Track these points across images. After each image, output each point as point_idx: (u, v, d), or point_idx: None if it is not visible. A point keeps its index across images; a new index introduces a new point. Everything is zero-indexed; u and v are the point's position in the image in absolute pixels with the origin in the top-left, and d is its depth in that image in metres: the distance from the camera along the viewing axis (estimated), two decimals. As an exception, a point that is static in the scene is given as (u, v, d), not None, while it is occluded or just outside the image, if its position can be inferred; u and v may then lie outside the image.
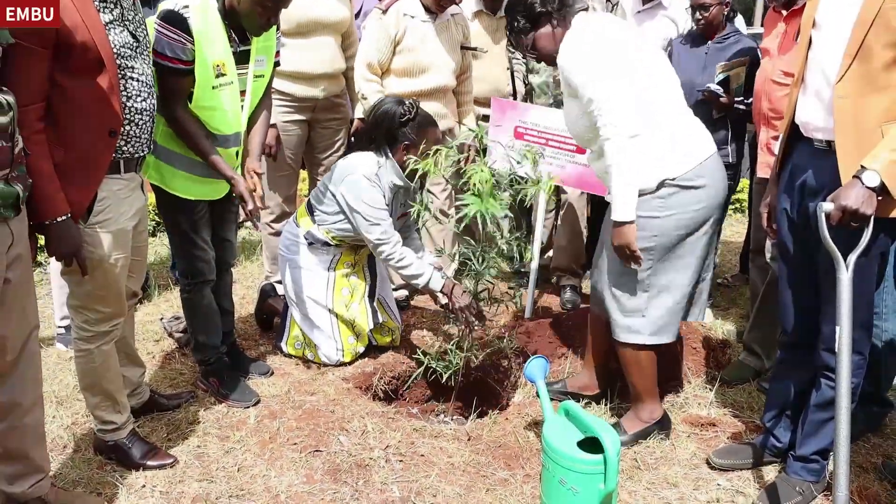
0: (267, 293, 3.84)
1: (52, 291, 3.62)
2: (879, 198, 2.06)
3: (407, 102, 3.16)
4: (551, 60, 2.69)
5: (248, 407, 2.99)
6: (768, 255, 3.19)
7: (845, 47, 2.11)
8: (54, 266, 3.55)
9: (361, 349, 3.44)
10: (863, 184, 2.05)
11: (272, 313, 3.80)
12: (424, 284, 3.20)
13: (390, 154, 3.19)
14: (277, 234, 3.91)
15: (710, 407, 3.06)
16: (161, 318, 3.76)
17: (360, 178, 3.15)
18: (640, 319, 2.67)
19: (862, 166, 2.06)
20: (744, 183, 5.37)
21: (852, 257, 2.12)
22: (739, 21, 4.17)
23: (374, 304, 3.48)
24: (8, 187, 1.91)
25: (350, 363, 3.40)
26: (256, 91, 2.88)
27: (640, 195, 2.52)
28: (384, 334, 3.55)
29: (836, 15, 2.17)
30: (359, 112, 3.86)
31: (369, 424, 2.84)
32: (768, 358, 3.25)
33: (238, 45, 2.73)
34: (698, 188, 2.55)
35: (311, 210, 3.39)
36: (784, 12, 3.29)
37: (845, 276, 2.12)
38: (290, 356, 3.48)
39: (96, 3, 2.17)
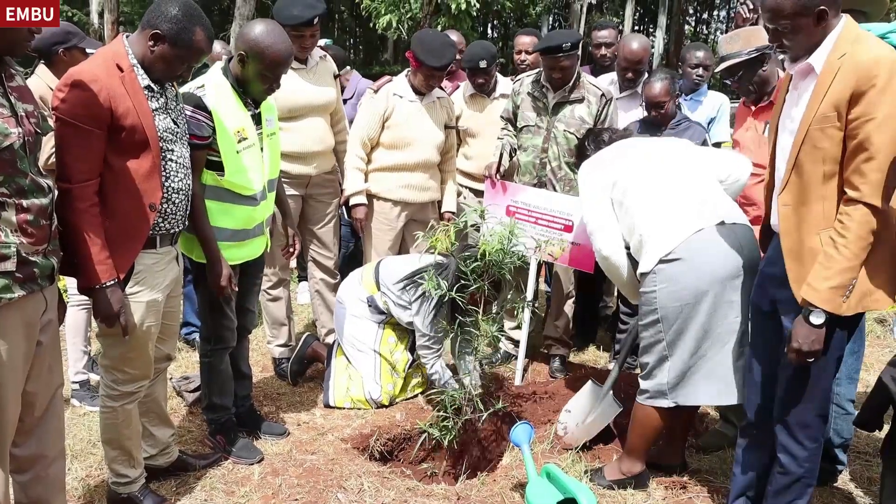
0: (308, 343, 4.11)
1: (67, 349, 3.79)
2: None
3: None
4: None
5: (252, 464, 3.17)
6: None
7: (786, 161, 2.36)
8: (69, 325, 3.74)
9: (395, 397, 3.89)
10: (811, 324, 2.25)
11: (315, 359, 4.12)
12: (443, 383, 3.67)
13: None
14: (275, 300, 4.15)
15: (684, 470, 3.22)
16: (170, 378, 3.94)
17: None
18: (655, 383, 2.89)
19: (806, 301, 2.24)
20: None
21: None
22: (685, 106, 4.51)
23: (415, 355, 3.94)
24: (45, 260, 2.14)
25: (388, 405, 3.84)
26: (273, 146, 3.17)
27: (643, 275, 2.89)
28: (416, 377, 4.00)
29: (787, 132, 2.41)
30: (347, 189, 4.14)
31: (366, 483, 3.02)
32: (743, 427, 3.41)
33: (253, 108, 3.03)
34: (683, 260, 2.78)
35: (377, 277, 3.82)
36: (753, 108, 3.47)
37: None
38: (335, 408, 3.80)
39: (145, 92, 2.47)
